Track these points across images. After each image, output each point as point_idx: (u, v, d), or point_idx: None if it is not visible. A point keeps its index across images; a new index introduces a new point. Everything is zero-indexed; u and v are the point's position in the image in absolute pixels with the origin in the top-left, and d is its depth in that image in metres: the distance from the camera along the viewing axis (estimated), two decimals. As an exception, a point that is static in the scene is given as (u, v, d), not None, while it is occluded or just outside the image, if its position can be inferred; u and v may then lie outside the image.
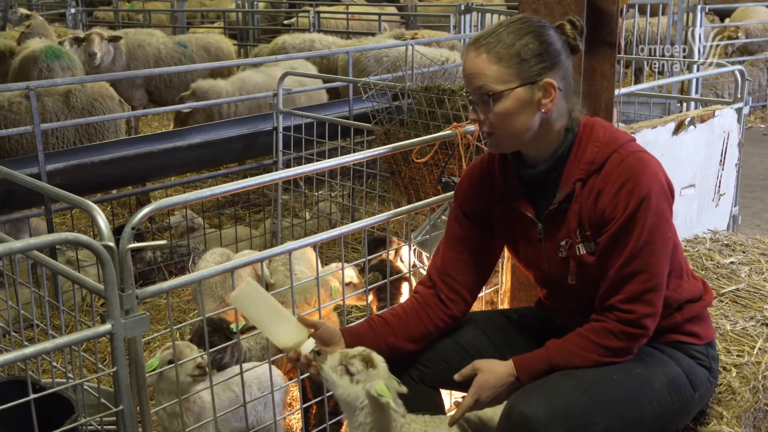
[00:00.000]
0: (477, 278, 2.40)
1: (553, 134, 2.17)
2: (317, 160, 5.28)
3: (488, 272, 2.46)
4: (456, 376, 2.21)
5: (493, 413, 2.23)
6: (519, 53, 2.07)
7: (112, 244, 2.03)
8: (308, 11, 11.99)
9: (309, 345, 2.18)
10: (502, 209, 2.31)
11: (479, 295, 2.55)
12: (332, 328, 2.27)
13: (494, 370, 2.15)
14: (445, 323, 2.36)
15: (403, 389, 2.18)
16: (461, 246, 2.38)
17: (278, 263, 4.13)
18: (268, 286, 3.91)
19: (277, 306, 2.23)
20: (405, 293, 3.53)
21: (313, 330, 2.23)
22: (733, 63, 5.42)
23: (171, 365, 2.54)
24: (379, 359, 2.16)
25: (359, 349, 2.18)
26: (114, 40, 7.88)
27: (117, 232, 2.11)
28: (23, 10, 9.56)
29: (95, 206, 2.27)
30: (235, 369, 2.86)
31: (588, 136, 2.17)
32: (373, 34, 10.08)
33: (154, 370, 2.58)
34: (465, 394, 2.20)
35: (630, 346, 2.10)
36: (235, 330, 2.83)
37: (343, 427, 3.13)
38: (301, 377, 2.81)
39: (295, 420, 3.45)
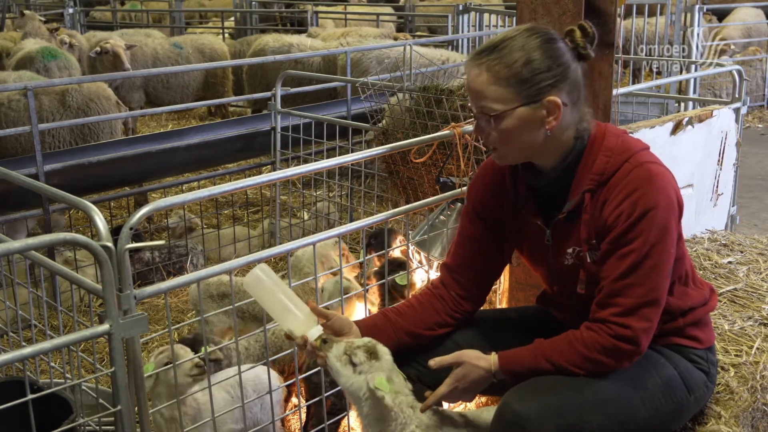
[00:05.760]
0: (487, 277, 2.43)
1: (560, 145, 2.13)
2: (315, 160, 5.29)
3: (499, 271, 2.49)
4: (432, 362, 2.16)
5: (488, 414, 2.23)
6: (520, 73, 2.01)
7: (110, 244, 2.03)
8: (306, 11, 11.98)
9: (316, 332, 2.18)
10: (512, 213, 2.31)
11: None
12: (345, 320, 2.28)
13: (476, 364, 2.14)
14: (461, 315, 2.39)
15: (408, 384, 2.18)
16: (473, 245, 2.39)
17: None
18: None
19: (289, 292, 2.23)
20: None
21: (324, 320, 2.23)
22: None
23: (168, 366, 2.54)
24: (384, 352, 2.16)
25: (365, 339, 2.18)
26: (130, 47, 7.96)
27: (115, 232, 2.11)
28: (10, 16, 9.51)
29: (93, 207, 2.26)
30: (231, 371, 2.85)
31: (599, 144, 2.12)
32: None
33: (149, 375, 2.55)
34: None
35: (619, 365, 2.05)
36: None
37: (341, 427, 3.13)
38: (300, 377, 2.81)
39: (294, 420, 3.45)
